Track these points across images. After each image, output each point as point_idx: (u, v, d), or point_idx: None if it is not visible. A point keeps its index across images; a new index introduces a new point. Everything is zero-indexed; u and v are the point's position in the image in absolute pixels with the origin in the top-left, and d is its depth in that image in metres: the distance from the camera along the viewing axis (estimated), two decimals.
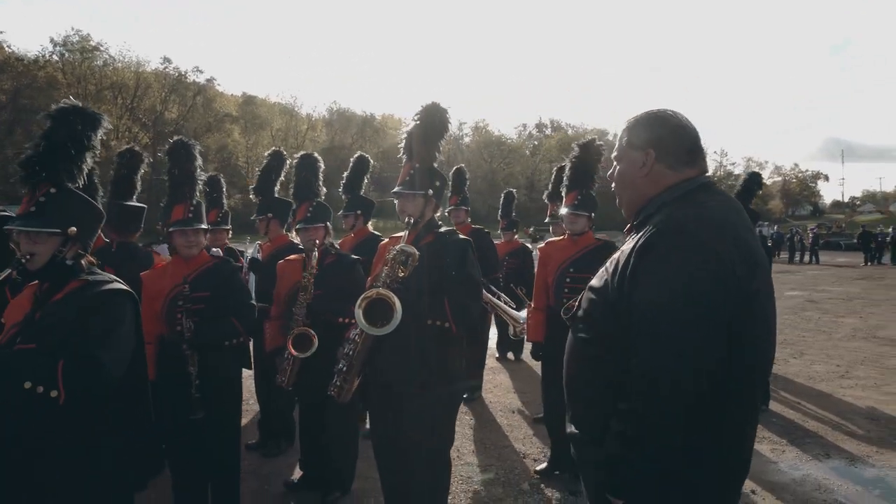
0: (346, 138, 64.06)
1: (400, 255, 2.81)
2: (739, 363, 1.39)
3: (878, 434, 4.88)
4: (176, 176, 3.29)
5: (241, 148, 56.36)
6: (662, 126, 1.62)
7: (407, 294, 2.77)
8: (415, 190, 3.01)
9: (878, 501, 3.73)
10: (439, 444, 2.98)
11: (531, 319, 4.13)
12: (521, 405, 5.71)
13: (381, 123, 69.78)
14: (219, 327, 3.18)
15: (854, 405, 5.67)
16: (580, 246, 3.92)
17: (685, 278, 1.37)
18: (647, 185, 1.62)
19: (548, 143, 75.90)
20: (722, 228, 1.44)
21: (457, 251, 2.96)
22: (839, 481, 3.98)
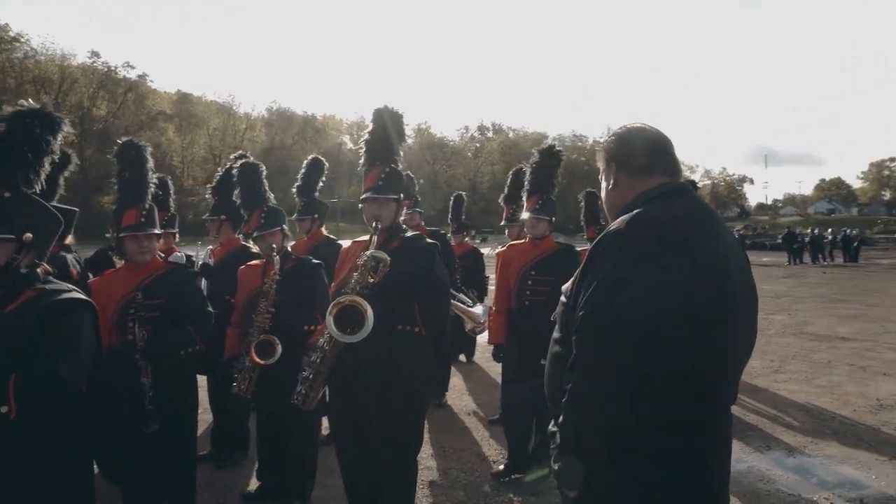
0: (287, 139, 62.85)
1: (371, 260, 2.78)
2: (668, 363, 1.40)
3: (812, 425, 5.17)
4: (126, 179, 3.15)
5: (175, 147, 54.39)
6: (620, 139, 1.72)
7: (378, 300, 2.75)
8: (388, 194, 2.99)
9: (815, 489, 3.95)
10: (407, 448, 2.97)
11: (492, 322, 4.17)
12: (476, 407, 5.75)
13: (322, 124, 68.87)
14: (174, 336, 3.07)
15: (789, 398, 5.98)
16: (541, 249, 3.99)
17: (620, 278, 1.41)
18: (616, 196, 1.70)
19: (489, 145, 76.76)
20: (673, 230, 1.46)
21: (425, 256, 2.96)
22: (780, 471, 4.20)
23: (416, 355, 2.90)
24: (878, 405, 5.70)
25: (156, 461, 3.01)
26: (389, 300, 2.81)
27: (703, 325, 1.42)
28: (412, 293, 2.87)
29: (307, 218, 4.88)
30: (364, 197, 3.03)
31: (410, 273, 2.88)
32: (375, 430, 2.89)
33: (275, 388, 3.39)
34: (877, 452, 4.53)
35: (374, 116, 3.20)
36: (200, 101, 61.10)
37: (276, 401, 3.41)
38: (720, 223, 1.61)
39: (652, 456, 1.42)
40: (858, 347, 8.34)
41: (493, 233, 38.40)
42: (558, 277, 3.88)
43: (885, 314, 11.34)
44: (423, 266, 2.93)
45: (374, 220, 2.95)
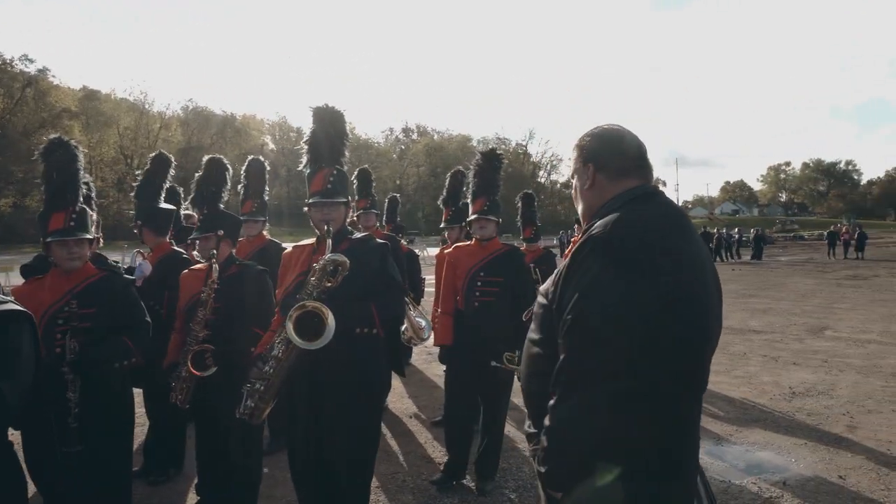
0: (205, 139, 60.48)
1: (329, 264, 2.72)
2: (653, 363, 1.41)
3: (735, 414, 5.48)
4: (54, 180, 2.93)
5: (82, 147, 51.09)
6: (599, 140, 1.73)
7: (334, 304, 2.69)
8: (338, 198, 2.94)
9: (743, 475, 4.18)
10: (364, 455, 2.92)
11: (438, 323, 4.15)
12: (417, 409, 5.73)
13: (242, 124, 66.77)
14: (108, 347, 2.87)
15: (711, 389, 6.31)
16: (489, 250, 4.02)
17: (602, 281, 1.42)
18: (592, 197, 1.71)
19: (415, 147, 76.85)
20: (652, 233, 1.49)
21: (377, 256, 2.92)
22: (710, 460, 4.42)
23: (375, 359, 2.86)
24: (791, 393, 6.12)
25: (86, 482, 2.81)
26: (346, 303, 2.75)
27: (692, 324, 1.46)
28: (368, 294, 2.82)
29: (259, 220, 4.77)
30: (312, 201, 2.96)
31: (364, 274, 2.83)
32: (332, 437, 2.82)
33: (214, 398, 3.25)
34: (794, 437, 4.86)
35: (314, 117, 3.11)
36: (109, 98, 57.84)
37: (215, 411, 3.28)
38: (691, 225, 1.66)
39: (644, 459, 1.42)
40: (769, 339, 8.93)
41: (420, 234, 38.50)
42: (507, 278, 3.98)
43: (789, 307, 12.20)
44: (377, 266, 2.89)
45: (324, 224, 2.88)
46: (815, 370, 7.05)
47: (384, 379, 2.97)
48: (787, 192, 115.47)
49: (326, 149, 3.08)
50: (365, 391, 2.82)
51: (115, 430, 2.94)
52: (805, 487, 3.95)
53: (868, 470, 4.20)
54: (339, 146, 3.10)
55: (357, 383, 2.79)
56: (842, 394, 6.06)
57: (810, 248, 37.56)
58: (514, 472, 4.23)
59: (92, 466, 2.82)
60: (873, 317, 10.87)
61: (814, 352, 8.05)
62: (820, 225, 63.36)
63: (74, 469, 2.75)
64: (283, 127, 73.53)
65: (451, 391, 4.13)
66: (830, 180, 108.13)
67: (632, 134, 1.74)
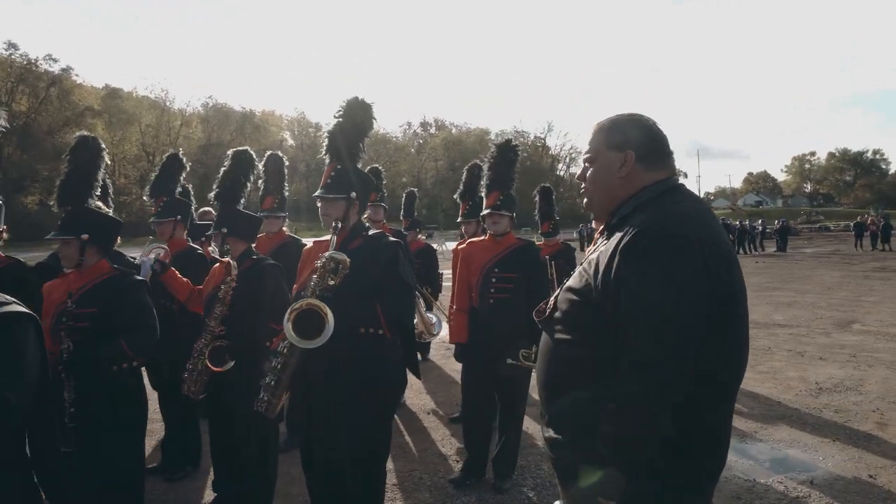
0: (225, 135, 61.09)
1: (329, 262, 2.68)
2: (718, 365, 1.40)
3: (760, 411, 5.35)
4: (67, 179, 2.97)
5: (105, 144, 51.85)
6: (640, 128, 1.64)
7: (338, 302, 2.65)
8: (336, 193, 2.89)
9: (769, 473, 4.07)
10: (374, 455, 2.87)
11: (454, 321, 4.09)
12: (434, 406, 5.69)
13: (261, 120, 67.30)
14: (102, 349, 2.85)
15: None
16: (503, 246, 3.94)
17: (675, 278, 1.37)
18: (623, 186, 1.62)
19: (433, 141, 76.79)
20: (701, 228, 1.45)
21: (388, 255, 2.86)
22: (735, 457, 4.31)
23: (380, 358, 2.80)
24: (818, 389, 5.97)
25: (90, 482, 2.82)
26: (351, 301, 2.71)
27: (742, 321, 1.47)
28: (374, 293, 2.77)
29: (281, 216, 4.76)
30: (314, 195, 2.95)
31: (372, 273, 2.78)
32: (340, 436, 2.79)
33: (227, 392, 3.25)
34: (820, 435, 4.73)
35: (341, 109, 3.07)
36: (131, 96, 58.69)
37: (229, 406, 3.28)
38: (717, 218, 1.63)
39: (698, 461, 1.44)
40: (795, 333, 8.73)
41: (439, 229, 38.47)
42: (521, 274, 3.90)
43: (815, 300, 11.94)
44: (386, 265, 2.82)
45: (326, 220, 2.87)
46: (842, 365, 6.87)
47: (393, 379, 2.90)
48: (812, 182, 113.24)
49: (340, 142, 3.04)
50: (368, 391, 2.76)
51: (119, 430, 2.92)
52: (833, 486, 3.83)
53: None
54: (350, 142, 3.04)
55: (359, 382, 2.74)
56: (871, 390, 5.89)
57: (836, 240, 36.79)
58: (533, 469, 4.17)
59: (96, 466, 2.84)
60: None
61: (841, 346, 7.85)
62: (847, 216, 62.03)
63: (76, 469, 2.76)
64: (301, 122, 74.03)
65: (467, 389, 4.06)
66: (857, 170, 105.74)
67: (655, 123, 1.68)
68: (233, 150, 3.81)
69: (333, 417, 2.79)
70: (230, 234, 3.43)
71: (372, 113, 3.11)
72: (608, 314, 1.45)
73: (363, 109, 3.07)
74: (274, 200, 4.84)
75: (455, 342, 4.09)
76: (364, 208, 3.08)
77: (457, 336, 4.03)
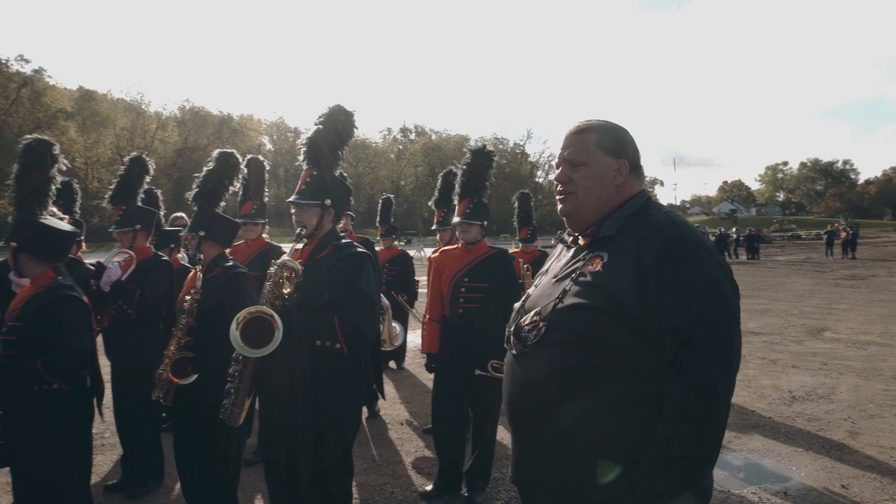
0: (202, 139, 60.36)
1: (280, 270, 2.61)
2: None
3: (734, 419, 5.34)
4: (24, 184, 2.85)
5: (78, 148, 51.02)
6: (630, 137, 1.66)
7: (294, 312, 2.59)
8: (310, 199, 2.81)
9: (743, 484, 4.05)
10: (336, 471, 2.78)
11: (425, 331, 4.01)
12: (408, 416, 5.59)
13: (239, 124, 66.63)
14: (15, 369, 2.71)
15: None
16: (474, 255, 3.86)
17: (718, 282, 1.45)
18: (614, 193, 1.61)
19: (412, 147, 76.77)
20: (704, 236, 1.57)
21: (351, 266, 2.75)
22: None
23: (337, 372, 2.70)
24: (791, 397, 6.00)
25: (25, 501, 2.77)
26: (310, 313, 2.64)
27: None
28: (334, 306, 2.68)
29: (260, 223, 4.65)
30: (288, 200, 2.87)
31: (334, 285, 2.69)
32: (300, 450, 2.72)
33: (191, 400, 3.16)
34: (793, 444, 4.73)
35: (317, 117, 3.01)
36: (105, 98, 57.71)
37: (193, 415, 3.19)
38: None
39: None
40: (768, 341, 8.80)
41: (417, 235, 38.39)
42: (492, 284, 3.82)
43: (787, 308, 12.08)
44: (348, 277, 2.72)
45: (299, 226, 2.78)
46: (814, 373, 6.92)
47: (350, 394, 2.79)
48: (784, 191, 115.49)
49: (319, 148, 2.98)
50: (326, 405, 2.68)
51: (48, 450, 2.78)
52: (807, 498, 3.82)
53: (871, 479, 4.07)
54: (328, 148, 2.97)
55: (316, 396, 2.67)
56: (842, 398, 5.93)
57: (808, 248, 37.46)
58: (506, 481, 4.09)
59: (28, 485, 2.76)
60: (872, 317, 10.76)
61: (813, 354, 7.93)
62: (817, 224, 63.29)
63: (13, 486, 2.72)
64: (280, 127, 73.51)
65: (437, 401, 3.96)
66: (828, 180, 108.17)
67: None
68: (218, 150, 3.67)
69: (294, 430, 2.72)
70: (207, 237, 3.30)
71: (353, 121, 3.04)
72: (645, 326, 1.43)
73: (345, 116, 3.01)
74: (253, 206, 4.70)
75: (426, 352, 4.00)
76: (339, 218, 3.00)
77: (428, 346, 3.95)
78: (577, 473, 1.47)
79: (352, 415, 2.90)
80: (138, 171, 4.30)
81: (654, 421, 1.40)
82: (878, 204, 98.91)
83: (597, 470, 1.44)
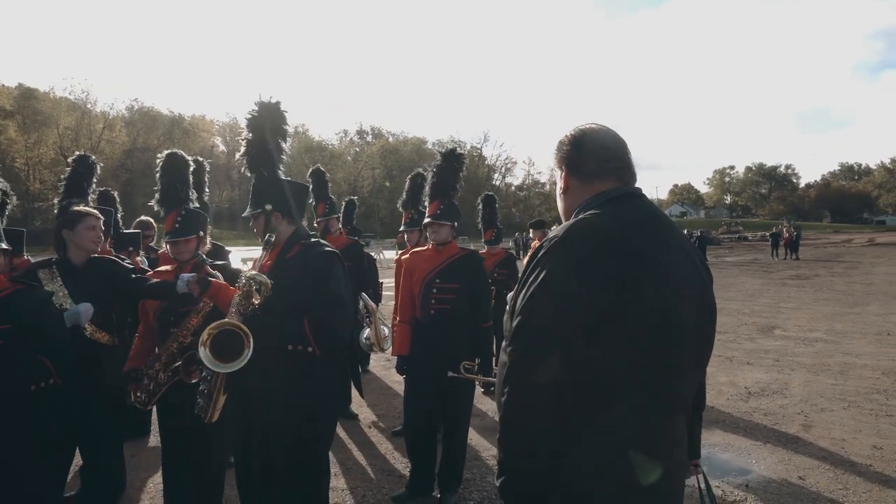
0: (152, 139, 58.59)
1: (249, 284, 2.58)
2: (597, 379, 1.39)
3: None
4: None
5: (18, 148, 48.87)
6: (571, 143, 1.66)
7: (266, 319, 2.56)
8: (252, 209, 2.82)
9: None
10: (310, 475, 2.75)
11: (396, 333, 3.99)
12: (375, 418, 5.55)
13: (190, 125, 64.99)
14: (22, 368, 2.66)
15: None
16: (445, 256, 3.86)
17: (541, 287, 1.41)
18: (568, 201, 1.65)
19: (370, 149, 76.32)
20: (600, 242, 1.43)
21: (318, 265, 2.72)
22: None
23: (309, 375, 2.67)
24: (747, 393, 6.20)
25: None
26: (280, 318, 2.60)
27: (640, 328, 1.39)
28: (303, 309, 2.64)
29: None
30: (243, 214, 2.91)
31: (302, 287, 2.66)
32: (273, 455, 2.68)
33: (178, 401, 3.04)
34: (752, 438, 4.89)
35: (247, 112, 2.96)
36: (48, 97, 55.39)
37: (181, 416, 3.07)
38: (672, 229, 1.57)
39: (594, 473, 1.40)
40: (722, 339, 9.06)
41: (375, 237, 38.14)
42: (463, 284, 3.83)
43: (739, 307, 12.49)
44: (318, 279, 2.69)
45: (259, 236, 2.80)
46: (767, 370, 7.18)
47: (324, 398, 2.75)
48: (731, 194, 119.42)
49: (251, 154, 2.98)
50: (298, 409, 2.66)
51: (37, 453, 2.72)
52: (767, 489, 3.96)
53: (825, 469, 4.25)
54: (265, 147, 2.96)
55: (290, 400, 2.64)
56: (795, 393, 6.17)
57: (754, 249, 38.87)
58: (479, 482, 4.11)
59: (13, 491, 2.65)
60: (818, 315, 11.23)
61: (765, 351, 8.22)
62: (763, 226, 65.73)
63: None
64: (233, 128, 71.94)
65: (409, 403, 3.94)
66: (772, 183, 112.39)
67: (612, 134, 1.66)
68: (168, 152, 3.57)
69: (268, 435, 2.68)
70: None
71: (281, 113, 2.97)
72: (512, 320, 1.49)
73: (270, 111, 2.95)
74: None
75: (397, 354, 3.98)
76: (299, 214, 2.94)
77: (399, 348, 3.93)
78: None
79: (327, 418, 2.86)
80: (85, 171, 4.18)
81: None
82: (818, 207, 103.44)
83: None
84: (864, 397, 5.95)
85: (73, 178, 4.18)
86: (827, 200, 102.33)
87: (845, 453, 4.53)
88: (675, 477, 1.49)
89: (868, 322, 10.37)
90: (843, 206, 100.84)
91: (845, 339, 8.93)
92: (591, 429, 1.38)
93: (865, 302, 13.05)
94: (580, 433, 1.38)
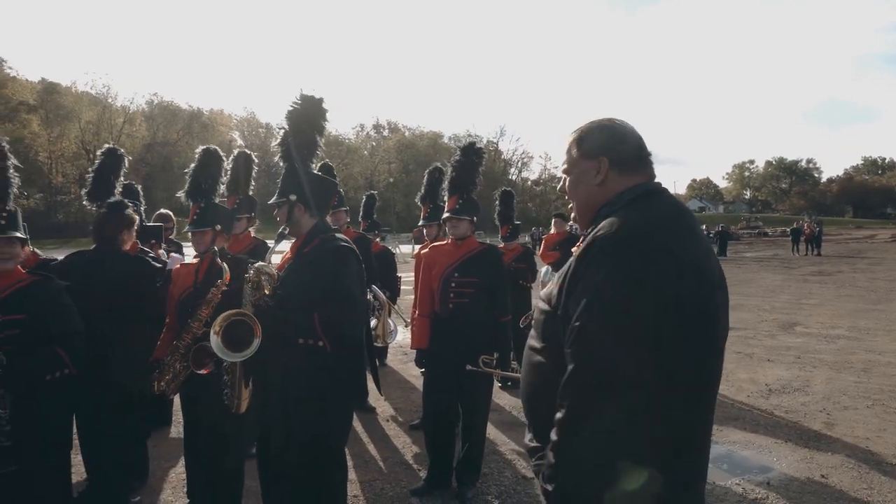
0: (171, 134, 59.05)
1: (256, 275, 2.62)
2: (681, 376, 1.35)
3: (716, 412, 5.43)
4: None
5: (41, 141, 49.58)
6: (612, 133, 1.61)
7: (280, 312, 2.60)
8: (278, 198, 2.85)
9: (727, 475, 4.13)
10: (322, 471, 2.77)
11: (415, 326, 4.00)
12: (393, 412, 5.57)
13: (209, 119, 65.44)
14: (37, 358, 2.68)
15: None
16: (464, 250, 3.86)
17: (620, 284, 1.33)
18: (599, 193, 1.59)
19: (386, 144, 76.38)
20: (651, 241, 1.39)
21: (331, 259, 2.73)
22: None
23: (321, 370, 2.68)
24: (768, 390, 6.13)
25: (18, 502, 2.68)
26: (292, 311, 2.63)
27: (697, 335, 1.37)
28: (315, 304, 2.65)
29: (243, 217, 4.56)
30: (269, 202, 2.95)
31: (316, 281, 2.67)
32: (275, 446, 2.74)
33: (200, 393, 3.12)
34: (773, 436, 4.84)
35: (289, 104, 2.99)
36: (70, 91, 56.03)
37: (203, 407, 3.17)
38: (697, 224, 1.56)
39: (659, 473, 1.33)
40: (742, 336, 8.98)
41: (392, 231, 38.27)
42: (482, 279, 3.83)
43: (759, 304, 12.35)
44: (330, 273, 2.69)
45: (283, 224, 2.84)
46: (789, 367, 7.09)
47: (336, 393, 2.75)
48: (751, 189, 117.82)
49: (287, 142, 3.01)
50: (310, 403, 2.68)
51: (50, 446, 2.77)
52: (789, 488, 3.91)
53: (849, 468, 4.19)
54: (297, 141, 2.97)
55: (302, 394, 2.67)
56: (817, 390, 6.09)
57: (774, 245, 38.37)
58: (496, 476, 4.11)
59: (25, 486, 2.67)
60: (840, 312, 11.07)
61: (786, 348, 8.12)
62: (783, 222, 64.69)
63: (7, 490, 2.62)
64: (251, 122, 72.49)
65: (428, 396, 3.96)
66: (792, 178, 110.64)
67: (632, 127, 1.64)
68: (203, 147, 3.70)
69: (283, 429, 2.72)
70: (223, 230, 3.36)
71: (322, 108, 3.01)
72: (562, 322, 1.42)
73: (312, 106, 2.98)
74: (237, 200, 4.64)
75: (416, 348, 3.99)
76: (322, 209, 2.96)
77: (418, 342, 3.94)
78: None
79: (341, 412, 2.86)
80: (113, 164, 4.24)
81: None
82: (840, 202, 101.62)
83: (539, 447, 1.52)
84: (888, 395, 5.86)
85: (101, 171, 4.23)
86: (849, 195, 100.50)
87: (869, 452, 4.46)
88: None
89: (892, 319, 10.20)
90: (866, 200, 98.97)
91: (868, 337, 8.79)
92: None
93: (889, 299, 12.83)
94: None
